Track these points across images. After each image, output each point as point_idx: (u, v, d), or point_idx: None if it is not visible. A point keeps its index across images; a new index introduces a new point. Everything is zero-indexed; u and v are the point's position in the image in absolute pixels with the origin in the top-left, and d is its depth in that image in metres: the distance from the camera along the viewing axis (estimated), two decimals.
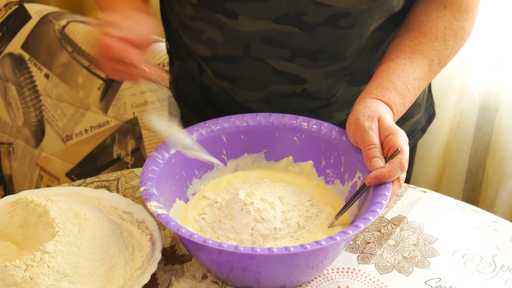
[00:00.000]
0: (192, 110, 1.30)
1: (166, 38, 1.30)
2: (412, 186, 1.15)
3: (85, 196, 1.07)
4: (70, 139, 1.77)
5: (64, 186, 1.12)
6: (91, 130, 1.74)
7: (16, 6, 1.80)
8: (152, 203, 0.95)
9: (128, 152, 1.71)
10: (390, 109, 1.06)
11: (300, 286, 0.98)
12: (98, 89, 1.70)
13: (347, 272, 1.01)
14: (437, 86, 1.62)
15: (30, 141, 1.83)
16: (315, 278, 0.99)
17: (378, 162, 0.97)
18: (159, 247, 0.98)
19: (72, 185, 1.15)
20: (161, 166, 1.02)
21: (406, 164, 0.97)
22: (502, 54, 1.60)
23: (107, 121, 1.71)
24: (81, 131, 1.75)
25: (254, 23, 1.09)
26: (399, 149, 0.97)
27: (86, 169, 1.78)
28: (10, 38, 1.78)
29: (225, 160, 1.10)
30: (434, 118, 1.37)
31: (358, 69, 1.17)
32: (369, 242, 1.05)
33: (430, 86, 1.34)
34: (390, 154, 0.98)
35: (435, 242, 1.05)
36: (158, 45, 1.66)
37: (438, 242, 1.05)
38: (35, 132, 1.81)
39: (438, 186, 1.74)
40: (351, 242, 1.05)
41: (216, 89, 1.22)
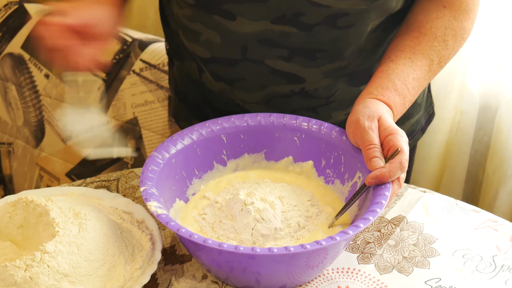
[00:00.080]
0: (191, 110, 1.30)
1: (166, 39, 1.30)
2: (412, 186, 1.15)
3: (85, 196, 1.07)
4: (70, 139, 1.77)
5: (64, 186, 1.12)
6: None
7: (16, 6, 1.80)
8: (152, 203, 0.95)
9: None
10: (390, 109, 1.06)
11: (300, 286, 0.98)
12: (98, 89, 1.70)
13: (347, 272, 1.01)
14: (437, 86, 1.62)
15: (30, 141, 1.83)
16: (315, 278, 0.99)
17: (378, 162, 0.97)
18: (159, 247, 0.97)
19: (72, 185, 1.15)
20: (161, 166, 1.02)
21: (406, 164, 0.97)
22: (502, 54, 1.60)
23: (107, 121, 1.71)
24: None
25: (252, 24, 1.09)
26: (399, 149, 0.97)
27: (86, 169, 1.78)
28: (10, 38, 1.78)
29: (225, 160, 1.10)
30: (433, 118, 1.37)
31: (358, 69, 1.17)
32: (369, 242, 1.05)
33: (429, 86, 1.34)
34: (390, 154, 0.98)
35: (435, 242, 1.05)
36: (158, 45, 1.66)
37: (438, 242, 1.05)
38: (35, 132, 1.81)
39: (438, 186, 1.74)
40: (351, 242, 1.05)
41: (215, 90, 1.22)
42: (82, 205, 1.01)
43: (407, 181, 1.24)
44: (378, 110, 1.02)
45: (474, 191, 1.74)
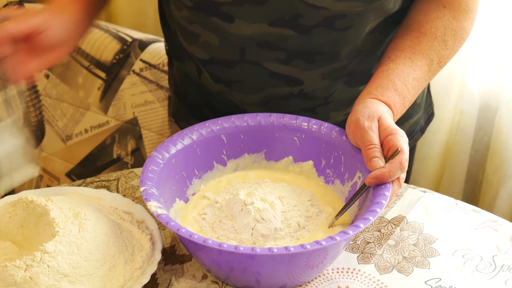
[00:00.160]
0: (191, 110, 1.30)
1: (165, 39, 1.30)
2: (412, 186, 1.15)
3: (85, 196, 1.07)
4: (70, 139, 1.77)
5: (64, 186, 1.12)
6: (91, 130, 1.74)
7: (16, 6, 1.80)
8: (152, 203, 0.95)
9: (128, 152, 1.72)
10: (390, 109, 1.06)
11: (300, 286, 0.98)
12: (98, 89, 1.70)
13: (347, 272, 1.01)
14: (436, 86, 1.62)
15: (30, 141, 1.82)
16: (315, 278, 0.99)
17: (378, 162, 0.97)
18: (159, 247, 0.97)
19: (72, 185, 1.15)
20: (161, 166, 1.02)
21: (406, 164, 0.97)
22: (502, 54, 1.60)
23: (107, 121, 1.71)
24: (81, 131, 1.75)
25: (250, 27, 1.09)
26: (399, 149, 0.97)
27: (86, 169, 1.78)
28: None
29: (225, 160, 1.10)
30: (433, 118, 1.37)
31: (356, 70, 1.17)
32: (369, 242, 1.05)
33: (429, 86, 1.34)
34: (390, 154, 0.98)
35: (435, 242, 1.05)
36: (157, 45, 1.66)
37: (438, 242, 1.05)
38: (35, 132, 1.81)
39: (438, 186, 1.74)
40: (351, 242, 1.05)
41: (214, 90, 1.22)
42: (82, 205, 1.01)
43: (407, 181, 1.24)
44: (378, 110, 1.02)
45: (474, 191, 1.74)
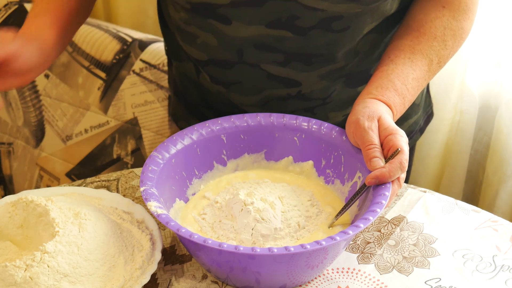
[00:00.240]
0: (190, 110, 1.30)
1: (164, 39, 1.30)
2: (412, 186, 1.15)
3: (85, 196, 1.07)
4: (70, 139, 1.77)
5: (64, 186, 1.12)
6: (91, 130, 1.74)
7: (16, 6, 1.80)
8: (152, 203, 0.95)
9: (128, 152, 1.72)
10: (390, 109, 1.06)
11: (300, 286, 0.98)
12: (98, 89, 1.70)
13: (347, 272, 1.01)
14: (436, 86, 1.62)
15: (30, 141, 1.83)
16: (315, 278, 0.99)
17: (378, 162, 0.97)
18: (159, 247, 0.98)
19: (72, 185, 1.15)
20: (161, 166, 1.02)
21: (406, 164, 0.97)
22: (502, 54, 1.60)
23: (107, 121, 1.71)
24: (81, 131, 1.75)
25: (247, 29, 1.09)
26: (399, 149, 0.97)
27: (86, 169, 1.78)
28: None
29: (225, 160, 1.10)
30: (432, 118, 1.37)
31: (354, 71, 1.17)
32: (369, 242, 1.05)
33: (428, 86, 1.34)
34: (390, 154, 0.98)
35: (435, 242, 1.05)
36: (157, 45, 1.66)
37: (438, 242, 1.05)
38: (35, 132, 1.81)
39: (438, 186, 1.74)
40: (351, 242, 1.05)
41: (212, 91, 1.22)
42: (82, 205, 1.01)
43: (406, 181, 1.24)
44: (378, 110, 1.02)
45: (474, 191, 1.74)
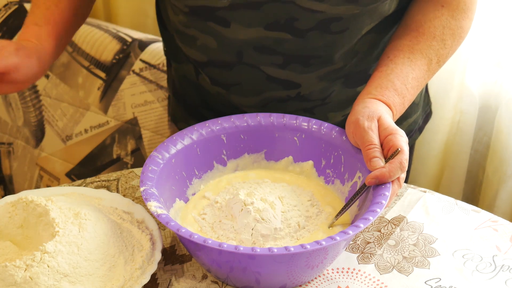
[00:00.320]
0: (190, 111, 1.30)
1: (163, 40, 1.30)
2: (412, 186, 1.15)
3: (85, 196, 1.07)
4: (70, 139, 1.77)
5: (64, 186, 1.12)
6: (91, 130, 1.74)
7: (16, 6, 1.80)
8: (152, 203, 0.95)
9: (128, 152, 1.71)
10: (390, 109, 1.06)
11: (300, 286, 0.98)
12: (98, 89, 1.70)
13: (347, 272, 1.01)
14: (436, 86, 1.62)
15: (30, 141, 1.83)
16: (315, 278, 0.99)
17: (378, 162, 0.97)
18: (159, 247, 0.98)
19: (72, 185, 1.15)
20: (161, 166, 1.02)
21: (406, 164, 0.97)
22: (502, 54, 1.60)
23: (107, 121, 1.71)
24: (81, 131, 1.75)
25: (246, 31, 1.09)
26: (399, 149, 0.97)
27: (86, 169, 1.78)
28: (10, 38, 1.78)
29: (225, 160, 1.10)
30: (430, 117, 1.37)
31: (353, 71, 1.17)
32: (369, 242, 1.05)
33: (427, 85, 1.34)
34: (390, 154, 0.98)
35: (435, 242, 1.05)
36: (157, 45, 1.66)
37: (438, 242, 1.05)
38: (35, 132, 1.81)
39: (437, 186, 1.74)
40: (351, 242, 1.05)
41: (212, 92, 1.22)
42: (82, 205, 1.01)
43: (406, 180, 1.24)
44: (378, 110, 1.02)
45: (474, 191, 1.74)
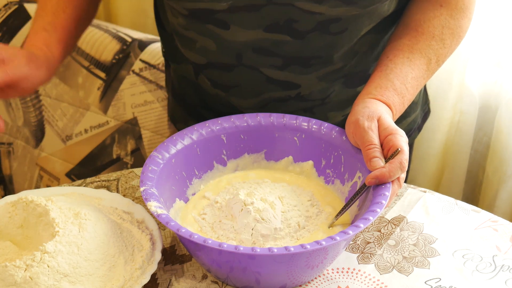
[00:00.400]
0: (189, 112, 1.29)
1: (162, 41, 1.29)
2: (412, 186, 1.15)
3: (85, 196, 1.07)
4: (70, 139, 1.77)
5: (64, 186, 1.12)
6: (91, 130, 1.74)
7: (16, 6, 1.80)
8: (152, 203, 0.95)
9: (127, 152, 1.72)
10: (389, 109, 1.06)
11: (300, 286, 0.98)
12: (98, 89, 1.70)
13: (347, 272, 1.01)
14: (435, 86, 1.62)
15: (30, 141, 1.82)
16: (315, 278, 0.99)
17: (378, 162, 0.97)
18: (159, 247, 0.98)
19: (72, 185, 1.15)
20: (161, 166, 1.02)
21: (406, 164, 0.97)
22: (502, 54, 1.60)
23: (107, 121, 1.71)
24: (81, 131, 1.75)
25: (246, 33, 1.09)
26: (399, 149, 0.97)
27: (86, 169, 1.78)
28: (10, 38, 1.78)
29: (225, 160, 1.10)
30: (429, 115, 1.38)
31: (353, 71, 1.17)
32: (369, 242, 1.05)
33: (425, 84, 1.34)
34: (390, 154, 0.98)
35: (435, 242, 1.05)
36: (157, 45, 1.66)
37: (438, 242, 1.05)
38: (35, 132, 1.81)
39: (437, 186, 1.74)
40: (351, 242, 1.05)
41: (212, 93, 1.22)
42: (82, 205, 1.01)
43: (405, 179, 1.24)
44: (378, 110, 1.02)
45: (474, 191, 1.74)
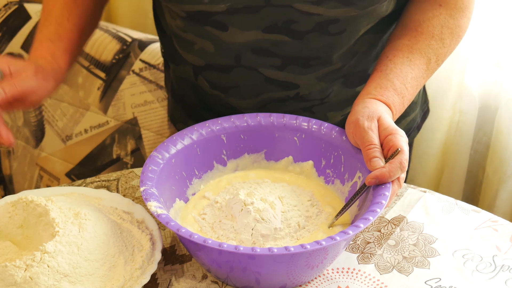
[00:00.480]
0: (189, 112, 1.29)
1: (161, 42, 1.29)
2: (412, 186, 1.15)
3: (85, 196, 1.07)
4: (70, 139, 1.77)
5: (64, 186, 1.12)
6: (91, 130, 1.74)
7: (16, 6, 1.80)
8: (152, 203, 0.95)
9: (127, 152, 1.72)
10: (389, 109, 1.06)
11: (300, 286, 0.98)
12: (98, 89, 1.70)
13: (347, 272, 1.01)
14: (435, 85, 1.62)
15: (30, 141, 1.82)
16: (315, 278, 0.99)
17: (378, 162, 0.97)
18: (159, 247, 0.98)
19: (72, 185, 1.15)
20: (161, 166, 1.02)
21: (406, 164, 0.97)
22: (502, 54, 1.60)
23: (107, 121, 1.71)
24: (80, 131, 1.75)
25: (244, 34, 1.09)
26: (399, 149, 0.97)
27: (86, 169, 1.78)
28: (10, 38, 1.78)
29: (225, 160, 1.10)
30: (428, 114, 1.38)
31: (352, 71, 1.17)
32: (369, 242, 1.05)
33: (425, 84, 1.34)
34: (390, 154, 0.98)
35: (435, 242, 1.05)
36: (157, 45, 1.66)
37: (438, 242, 1.05)
38: (35, 132, 1.81)
39: (437, 186, 1.74)
40: (351, 242, 1.05)
41: (211, 94, 1.22)
42: (82, 205, 1.01)
43: (405, 179, 1.24)
44: (378, 110, 1.02)
45: (474, 191, 1.74)
